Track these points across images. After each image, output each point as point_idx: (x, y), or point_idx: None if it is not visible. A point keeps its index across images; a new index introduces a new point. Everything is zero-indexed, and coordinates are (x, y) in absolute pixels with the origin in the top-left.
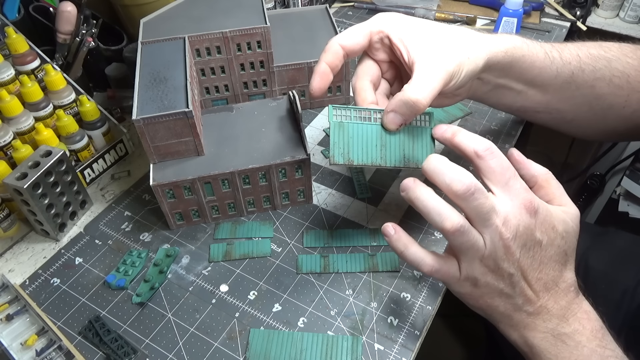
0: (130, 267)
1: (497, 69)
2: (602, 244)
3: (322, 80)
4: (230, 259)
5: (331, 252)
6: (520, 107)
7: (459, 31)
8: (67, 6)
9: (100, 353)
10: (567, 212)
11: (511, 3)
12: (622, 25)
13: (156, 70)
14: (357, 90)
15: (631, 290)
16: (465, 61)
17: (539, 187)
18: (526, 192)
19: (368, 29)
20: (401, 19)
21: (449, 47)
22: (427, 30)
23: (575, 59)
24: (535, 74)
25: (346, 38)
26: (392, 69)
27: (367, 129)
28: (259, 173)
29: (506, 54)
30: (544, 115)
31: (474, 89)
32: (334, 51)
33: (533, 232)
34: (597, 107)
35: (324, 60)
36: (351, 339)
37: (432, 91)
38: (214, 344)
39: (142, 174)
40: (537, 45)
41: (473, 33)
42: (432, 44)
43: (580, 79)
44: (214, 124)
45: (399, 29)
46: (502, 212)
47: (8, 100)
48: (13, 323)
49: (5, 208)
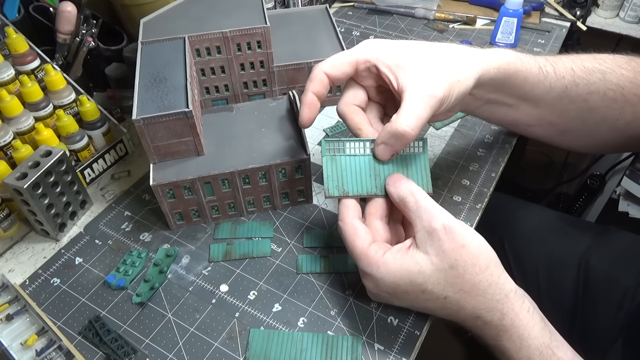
0: (130, 267)
1: (490, 85)
2: (602, 243)
3: (311, 111)
4: (230, 259)
5: (331, 252)
6: (512, 121)
7: (449, 51)
8: (67, 6)
9: (100, 353)
10: (426, 254)
11: (511, 3)
12: (622, 25)
13: (156, 70)
14: (346, 115)
15: (632, 290)
16: (456, 84)
17: (411, 213)
18: (366, 280)
19: (354, 58)
20: (388, 45)
21: (438, 71)
22: (415, 55)
23: (569, 73)
24: (528, 89)
25: (331, 67)
26: (382, 93)
27: (360, 161)
28: (259, 173)
29: (498, 71)
30: (537, 128)
31: (466, 103)
32: (319, 79)
33: (390, 301)
34: (591, 120)
35: (310, 89)
36: (351, 339)
37: (420, 121)
38: (214, 344)
39: (142, 174)
40: (531, 60)
41: (464, 51)
42: (420, 69)
43: (574, 93)
44: (214, 124)
45: (386, 57)
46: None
47: (8, 100)
48: (13, 323)
49: (5, 208)
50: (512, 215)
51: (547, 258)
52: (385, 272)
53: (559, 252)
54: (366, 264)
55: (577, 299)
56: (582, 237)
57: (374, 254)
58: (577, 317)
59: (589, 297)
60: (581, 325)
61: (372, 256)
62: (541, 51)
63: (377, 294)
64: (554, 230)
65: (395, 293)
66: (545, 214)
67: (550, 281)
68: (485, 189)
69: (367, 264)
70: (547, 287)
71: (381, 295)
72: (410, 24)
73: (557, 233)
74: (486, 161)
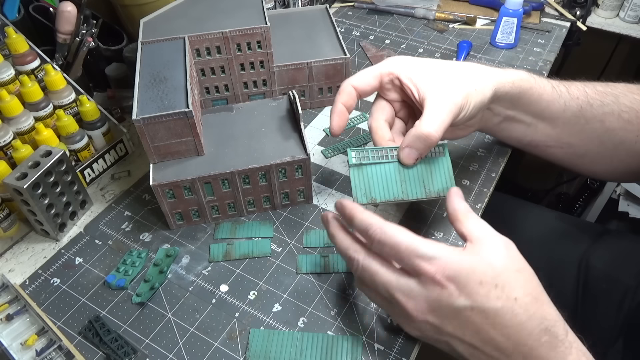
0: (130, 267)
1: (506, 100)
2: (602, 243)
3: (340, 119)
4: (230, 259)
5: (331, 252)
6: (531, 141)
7: (465, 66)
8: (67, 6)
9: (100, 353)
10: (490, 250)
11: (511, 3)
12: (622, 25)
13: (156, 70)
14: (373, 129)
15: (632, 290)
16: (473, 92)
17: (460, 224)
18: (429, 264)
19: (378, 71)
20: (409, 60)
21: (456, 81)
22: (434, 68)
23: (583, 94)
24: (543, 107)
25: (358, 80)
26: (405, 108)
27: (386, 168)
28: (259, 173)
29: (513, 85)
30: (556, 150)
31: (485, 119)
32: (348, 92)
33: (450, 302)
34: (608, 141)
35: (339, 101)
36: (351, 339)
37: (443, 124)
38: (214, 344)
39: (142, 174)
40: (544, 79)
41: (480, 66)
42: (439, 80)
43: (589, 113)
44: (214, 124)
45: (407, 70)
46: (401, 288)
47: (8, 100)
48: (13, 323)
49: (5, 208)
50: (512, 216)
51: (547, 258)
52: (459, 258)
53: (559, 252)
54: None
55: (577, 299)
56: (582, 237)
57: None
58: (577, 317)
59: (589, 297)
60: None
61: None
62: (541, 51)
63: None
64: (554, 231)
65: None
66: (545, 214)
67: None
68: (485, 189)
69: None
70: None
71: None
72: (410, 24)
73: (557, 233)
74: (486, 161)
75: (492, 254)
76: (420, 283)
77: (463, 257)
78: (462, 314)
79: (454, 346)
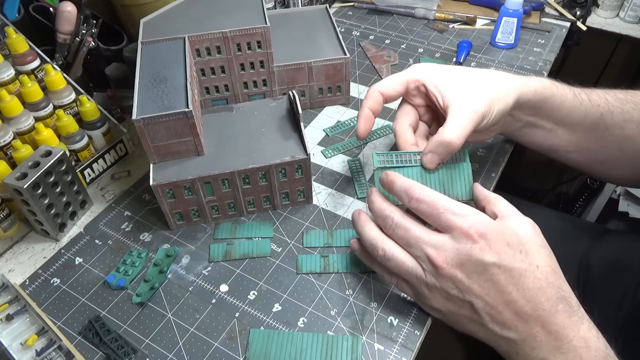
0: (130, 267)
1: (528, 107)
2: (602, 243)
3: (367, 123)
4: (230, 259)
5: (331, 252)
6: (551, 146)
7: (489, 73)
8: (67, 6)
9: (100, 353)
10: (518, 223)
11: (511, 3)
12: (622, 25)
13: (156, 70)
14: (397, 133)
15: (632, 290)
16: (496, 101)
17: (491, 205)
18: (463, 219)
19: (405, 78)
20: (435, 68)
21: (480, 89)
22: (459, 76)
23: (604, 102)
24: (564, 114)
25: (385, 86)
26: (429, 112)
27: (409, 171)
28: (259, 173)
29: (536, 93)
30: (576, 155)
31: (507, 124)
32: (375, 97)
33: (480, 257)
34: (628, 147)
35: (366, 106)
36: (351, 339)
37: (464, 131)
38: (214, 344)
39: (142, 174)
40: (566, 87)
41: (503, 74)
42: (463, 87)
43: (609, 120)
44: (214, 124)
45: (433, 77)
46: (432, 242)
47: (8, 100)
48: (13, 323)
49: (5, 208)
50: None
51: None
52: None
53: (559, 252)
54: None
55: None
56: (582, 237)
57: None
58: None
59: (589, 297)
60: None
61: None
62: (541, 51)
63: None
64: (554, 231)
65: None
66: (545, 214)
67: None
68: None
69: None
70: None
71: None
72: (410, 24)
73: (557, 233)
74: (486, 161)
75: (519, 227)
76: (453, 238)
77: (493, 221)
78: (489, 270)
79: (476, 307)
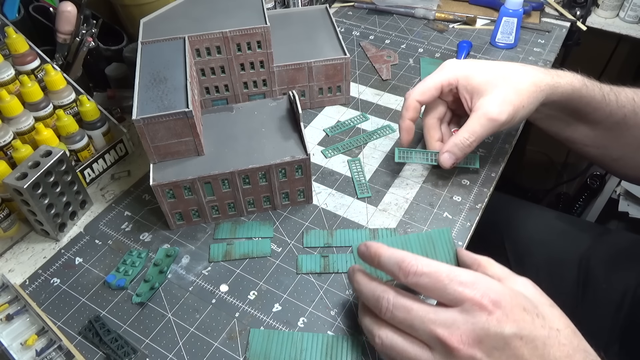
0: (130, 267)
1: (551, 106)
2: (602, 243)
3: (409, 135)
4: (230, 259)
5: (331, 252)
6: (569, 137)
7: (521, 75)
8: (67, 6)
9: (100, 353)
10: (522, 285)
11: (511, 3)
12: (622, 25)
13: (156, 70)
14: (426, 127)
15: (632, 290)
16: (520, 109)
17: (483, 268)
18: (473, 289)
19: (440, 83)
20: (469, 69)
21: (507, 99)
22: (491, 80)
23: (630, 102)
24: (588, 112)
25: (421, 94)
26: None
27: (389, 241)
28: (259, 173)
29: (562, 96)
30: (592, 149)
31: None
32: (413, 107)
33: (499, 330)
34: None
35: (407, 117)
36: (351, 339)
37: (479, 138)
38: (214, 344)
39: (142, 174)
40: (596, 87)
41: (535, 73)
42: (492, 95)
43: (632, 121)
44: (214, 124)
45: (466, 80)
46: (441, 320)
47: (8, 100)
48: (13, 323)
49: (5, 208)
50: (512, 216)
51: (547, 258)
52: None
53: (559, 252)
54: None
55: (577, 299)
56: (582, 237)
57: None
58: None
59: (589, 298)
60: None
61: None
62: (541, 51)
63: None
64: (554, 230)
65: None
66: (545, 214)
67: (551, 281)
68: (485, 189)
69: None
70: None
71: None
72: (410, 24)
73: (557, 233)
74: (486, 161)
75: (524, 288)
76: (464, 311)
77: (503, 286)
78: (511, 344)
79: None
